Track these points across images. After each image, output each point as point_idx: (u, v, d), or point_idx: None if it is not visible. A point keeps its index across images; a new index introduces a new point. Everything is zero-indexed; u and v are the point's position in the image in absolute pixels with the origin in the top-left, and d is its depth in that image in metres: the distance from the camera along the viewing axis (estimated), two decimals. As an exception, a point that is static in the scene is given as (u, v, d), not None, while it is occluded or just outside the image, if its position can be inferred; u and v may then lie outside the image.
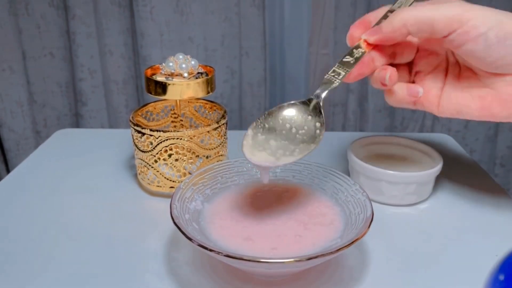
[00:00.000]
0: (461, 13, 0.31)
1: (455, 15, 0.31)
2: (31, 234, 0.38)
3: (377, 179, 0.42)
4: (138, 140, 0.42)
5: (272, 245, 0.32)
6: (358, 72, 0.35)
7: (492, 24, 0.30)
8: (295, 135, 0.33)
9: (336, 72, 0.34)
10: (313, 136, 0.33)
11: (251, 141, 0.32)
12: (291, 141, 0.32)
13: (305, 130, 0.33)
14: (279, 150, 0.32)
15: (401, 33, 0.33)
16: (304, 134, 0.33)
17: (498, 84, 0.32)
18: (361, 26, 0.35)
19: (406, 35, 0.33)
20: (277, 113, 0.33)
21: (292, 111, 0.33)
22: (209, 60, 1.00)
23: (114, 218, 0.41)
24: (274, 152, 0.32)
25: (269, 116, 0.33)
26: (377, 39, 0.34)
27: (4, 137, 1.00)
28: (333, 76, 0.34)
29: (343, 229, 0.33)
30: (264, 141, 0.32)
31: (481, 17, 0.31)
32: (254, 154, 0.32)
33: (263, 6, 0.97)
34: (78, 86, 1.00)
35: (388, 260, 0.36)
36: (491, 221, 0.41)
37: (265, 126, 0.33)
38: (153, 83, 0.41)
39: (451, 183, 0.47)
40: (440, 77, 0.36)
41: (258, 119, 0.33)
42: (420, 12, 0.32)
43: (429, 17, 0.31)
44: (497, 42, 0.30)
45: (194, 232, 0.31)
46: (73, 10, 0.93)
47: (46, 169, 0.50)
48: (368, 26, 0.35)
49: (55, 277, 0.33)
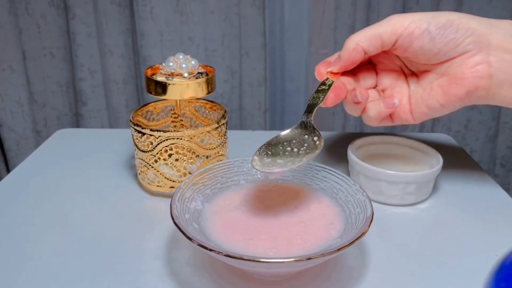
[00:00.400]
0: (400, 20, 0.36)
1: (396, 22, 0.36)
2: (31, 234, 0.38)
3: (377, 179, 0.42)
4: (138, 140, 0.42)
5: (272, 245, 0.32)
6: (334, 95, 0.38)
7: (429, 19, 0.35)
8: (297, 153, 0.35)
9: (316, 97, 0.38)
10: (314, 146, 0.35)
11: (259, 162, 0.34)
12: (295, 157, 0.35)
13: (306, 146, 0.35)
14: (287, 163, 0.34)
15: (357, 52, 0.37)
16: (305, 149, 0.35)
17: (450, 68, 0.36)
18: (324, 64, 0.41)
19: (362, 55, 0.38)
20: (276, 142, 0.36)
21: (288, 137, 0.36)
22: (209, 60, 1.00)
23: (114, 218, 0.41)
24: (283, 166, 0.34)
25: (269, 146, 0.36)
26: (340, 67, 0.39)
27: (4, 137, 1.00)
28: (314, 100, 0.38)
29: (343, 229, 0.33)
30: (272, 161, 0.35)
31: (417, 17, 0.36)
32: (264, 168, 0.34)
33: (263, 6, 0.97)
34: (78, 86, 1.00)
35: (388, 260, 0.36)
36: (491, 221, 0.41)
37: (268, 153, 0.35)
38: (153, 83, 0.41)
39: (451, 183, 0.47)
40: (404, 87, 0.40)
41: (259, 149, 0.36)
42: (368, 30, 0.37)
43: (376, 31, 0.37)
44: (439, 33, 0.35)
45: (194, 232, 0.31)
46: (73, 10, 0.93)
47: (46, 169, 0.50)
48: (329, 63, 0.40)
49: (55, 277, 0.33)
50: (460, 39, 0.35)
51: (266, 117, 1.08)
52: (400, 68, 0.41)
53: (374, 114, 0.39)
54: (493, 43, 0.34)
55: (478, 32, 0.34)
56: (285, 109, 1.11)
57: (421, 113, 0.38)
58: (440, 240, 0.38)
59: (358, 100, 0.38)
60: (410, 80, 0.40)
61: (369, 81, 0.42)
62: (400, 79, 0.41)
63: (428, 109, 0.38)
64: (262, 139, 0.41)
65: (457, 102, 0.36)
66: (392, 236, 0.39)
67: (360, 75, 0.41)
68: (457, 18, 0.35)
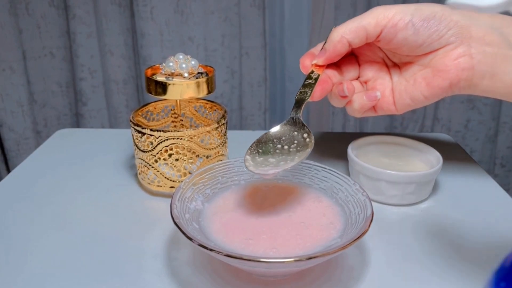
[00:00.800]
0: (384, 11, 0.36)
1: (379, 14, 0.36)
2: (31, 234, 0.39)
3: (377, 179, 0.42)
4: (138, 140, 0.42)
5: (272, 245, 0.32)
6: (320, 89, 0.39)
7: (412, 11, 0.36)
8: (288, 150, 0.35)
9: (303, 92, 0.38)
10: (305, 144, 0.35)
11: (252, 162, 0.35)
12: (287, 155, 0.35)
13: (296, 143, 0.36)
14: (280, 162, 0.34)
15: (343, 45, 0.38)
16: (296, 146, 0.35)
17: (433, 60, 0.36)
18: (309, 56, 0.40)
19: (347, 46, 0.38)
20: (266, 140, 0.36)
21: (278, 134, 0.36)
22: (209, 60, 1.00)
23: (114, 218, 0.41)
24: (276, 166, 0.34)
25: (259, 143, 0.36)
26: (325, 59, 0.39)
27: (4, 137, 1.00)
28: (301, 95, 0.38)
29: (343, 229, 0.33)
30: (264, 160, 0.35)
31: (400, 9, 0.36)
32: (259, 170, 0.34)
33: (263, 6, 0.97)
34: (78, 86, 1.00)
35: (388, 260, 0.36)
36: (491, 221, 0.41)
37: (259, 151, 0.36)
38: (153, 83, 0.41)
39: (451, 183, 0.47)
40: (387, 79, 0.40)
41: (250, 147, 0.36)
42: (352, 23, 0.37)
43: (360, 23, 0.37)
44: (422, 25, 0.35)
45: (194, 232, 0.31)
46: (73, 10, 0.93)
47: (46, 169, 0.50)
48: (314, 55, 0.40)
49: (55, 277, 0.33)
50: (443, 31, 0.35)
51: (266, 117, 1.08)
52: (382, 59, 0.41)
53: (357, 107, 0.40)
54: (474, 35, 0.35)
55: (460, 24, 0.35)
56: (285, 109, 1.12)
57: (404, 105, 0.39)
58: (440, 240, 0.38)
59: (345, 94, 0.39)
60: (393, 71, 0.40)
61: (352, 73, 0.42)
62: (383, 70, 0.41)
63: (411, 101, 0.38)
64: (262, 139, 0.41)
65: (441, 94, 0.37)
66: (392, 236, 0.39)
67: (343, 67, 0.42)
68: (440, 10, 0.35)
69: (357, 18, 0.38)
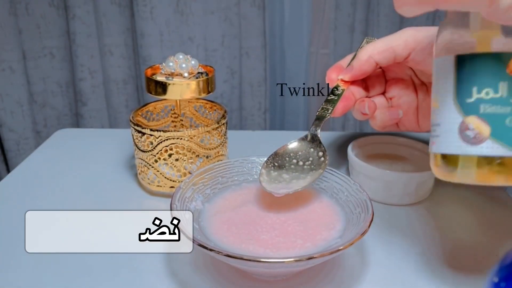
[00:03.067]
0: (413, 34, 0.36)
1: (409, 36, 0.36)
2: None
3: (377, 179, 0.42)
4: (138, 140, 0.42)
5: (272, 245, 0.32)
6: (342, 106, 0.39)
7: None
8: (303, 167, 0.37)
9: (325, 108, 0.38)
10: (319, 163, 0.36)
11: (266, 177, 0.36)
12: (301, 172, 0.36)
13: (311, 161, 0.37)
14: (292, 180, 0.36)
15: (370, 64, 0.38)
16: (310, 164, 0.37)
17: None
18: (336, 69, 0.40)
19: (374, 66, 0.38)
20: (283, 153, 0.38)
21: (295, 149, 0.38)
22: (209, 60, 1.00)
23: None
24: (288, 183, 0.36)
25: (276, 156, 0.37)
26: (351, 76, 0.39)
27: (4, 137, 1.00)
28: (323, 112, 0.38)
29: (343, 229, 0.33)
30: (278, 175, 0.36)
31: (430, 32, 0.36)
32: (272, 187, 0.35)
33: (263, 6, 0.97)
34: (78, 86, 1.00)
35: (388, 260, 0.36)
36: (491, 221, 0.41)
37: (275, 165, 0.37)
38: (153, 83, 0.41)
39: (451, 183, 0.47)
40: (412, 97, 0.41)
41: (267, 160, 0.37)
42: (381, 43, 0.37)
43: (389, 45, 0.37)
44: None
45: (194, 232, 0.31)
46: (73, 10, 0.93)
47: (46, 169, 0.50)
48: (341, 69, 0.40)
49: (56, 277, 0.33)
50: None
51: (266, 117, 1.08)
52: (410, 77, 0.41)
53: (379, 123, 0.40)
54: None
55: None
56: (285, 109, 1.11)
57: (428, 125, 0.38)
58: (440, 240, 0.38)
59: (366, 112, 0.39)
60: (419, 90, 0.40)
61: (378, 89, 0.42)
62: (409, 88, 0.41)
63: None
64: (262, 139, 0.42)
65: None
66: (392, 236, 0.39)
67: (369, 81, 0.42)
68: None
69: (387, 38, 0.37)
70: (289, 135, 0.50)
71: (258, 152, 0.41)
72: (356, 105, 0.40)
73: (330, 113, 0.38)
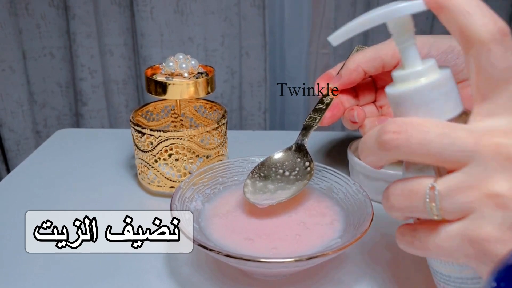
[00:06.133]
0: None
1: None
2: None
3: (377, 179, 0.42)
4: (138, 140, 0.42)
5: (272, 245, 0.32)
6: (331, 115, 0.39)
7: (430, 43, 0.35)
8: (289, 177, 0.36)
9: (312, 118, 0.38)
10: (305, 173, 0.36)
11: (251, 188, 0.36)
12: (286, 182, 0.36)
13: (297, 171, 0.36)
14: (278, 190, 0.35)
15: (358, 73, 0.38)
16: (296, 174, 0.36)
17: None
18: (325, 78, 0.40)
19: (362, 75, 0.38)
20: (269, 163, 0.37)
21: (281, 159, 0.37)
22: (209, 60, 1.00)
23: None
24: (273, 194, 0.35)
25: (262, 166, 0.37)
26: (340, 84, 0.39)
27: (4, 137, 1.00)
28: (310, 121, 0.38)
29: (343, 229, 0.33)
30: (263, 186, 0.36)
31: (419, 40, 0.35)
32: (256, 197, 0.35)
33: (263, 6, 0.97)
34: (78, 86, 1.00)
35: (388, 260, 0.36)
36: (491, 221, 0.41)
37: (261, 175, 0.37)
38: (153, 83, 0.41)
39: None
40: None
41: (253, 170, 0.37)
42: (370, 52, 0.37)
43: (377, 53, 0.37)
44: (440, 58, 0.35)
45: (194, 232, 0.31)
46: (73, 10, 0.93)
47: (46, 169, 0.50)
48: (331, 78, 0.40)
49: (56, 277, 0.33)
50: (461, 66, 0.34)
51: (266, 117, 1.08)
52: None
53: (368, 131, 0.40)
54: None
55: None
56: (285, 109, 1.12)
57: None
58: (440, 240, 0.38)
59: (355, 120, 0.39)
60: None
61: (368, 98, 0.42)
62: None
63: None
64: (262, 139, 0.42)
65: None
66: (392, 236, 0.39)
67: (359, 90, 0.41)
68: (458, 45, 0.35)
69: (376, 47, 0.37)
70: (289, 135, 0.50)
71: (258, 152, 0.41)
72: (346, 113, 0.39)
73: (318, 122, 0.38)
